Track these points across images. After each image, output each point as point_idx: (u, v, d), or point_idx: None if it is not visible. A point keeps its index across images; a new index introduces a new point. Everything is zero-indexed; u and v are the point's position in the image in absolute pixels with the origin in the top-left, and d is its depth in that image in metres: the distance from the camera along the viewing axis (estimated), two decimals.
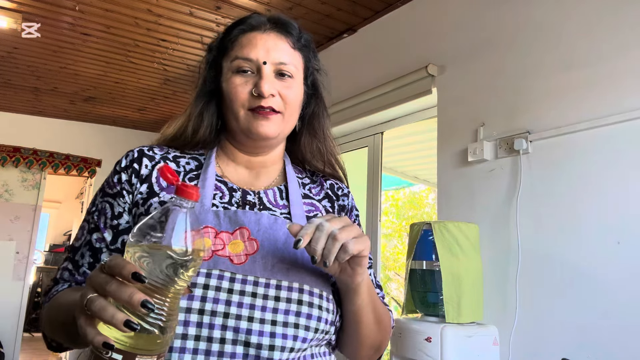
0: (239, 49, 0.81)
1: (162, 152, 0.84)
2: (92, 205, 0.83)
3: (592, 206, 1.69)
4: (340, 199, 0.91)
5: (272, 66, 0.80)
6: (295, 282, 0.72)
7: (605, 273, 1.62)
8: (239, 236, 0.74)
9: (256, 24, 0.82)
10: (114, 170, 0.84)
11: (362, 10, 2.75)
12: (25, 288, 4.22)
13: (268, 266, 0.72)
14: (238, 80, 0.80)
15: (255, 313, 0.67)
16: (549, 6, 1.93)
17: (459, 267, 1.75)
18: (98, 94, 4.32)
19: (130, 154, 0.84)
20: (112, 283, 0.52)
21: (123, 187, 0.80)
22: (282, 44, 0.82)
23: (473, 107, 2.16)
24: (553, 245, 1.78)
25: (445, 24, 2.39)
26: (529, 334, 1.79)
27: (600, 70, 1.73)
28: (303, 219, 0.82)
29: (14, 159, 4.16)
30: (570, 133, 1.77)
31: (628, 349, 1.53)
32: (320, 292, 0.73)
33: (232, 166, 0.87)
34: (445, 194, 2.25)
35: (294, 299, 0.70)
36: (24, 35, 3.07)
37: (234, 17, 3.07)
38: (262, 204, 0.82)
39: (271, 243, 0.74)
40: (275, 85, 0.79)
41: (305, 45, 0.87)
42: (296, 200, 0.84)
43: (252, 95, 0.79)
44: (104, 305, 0.51)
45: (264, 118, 0.79)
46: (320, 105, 0.91)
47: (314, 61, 0.89)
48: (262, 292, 0.69)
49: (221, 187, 0.81)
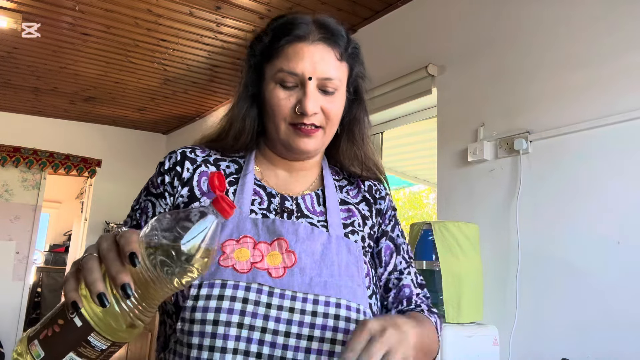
0: (285, 61, 0.77)
1: (204, 155, 0.84)
2: (136, 202, 0.84)
3: (592, 206, 1.69)
4: (378, 202, 0.90)
5: (317, 81, 0.77)
6: (333, 296, 0.71)
7: (605, 273, 1.62)
8: (277, 247, 0.74)
9: (303, 34, 0.77)
10: (157, 171, 0.84)
11: (362, 10, 2.75)
12: (25, 288, 4.22)
13: (306, 279, 0.72)
14: (281, 94, 0.77)
15: (293, 328, 0.67)
16: (549, 6, 1.93)
17: (459, 267, 1.75)
18: (98, 94, 4.32)
19: (173, 156, 0.84)
20: (111, 253, 0.52)
21: (165, 188, 0.81)
22: (329, 57, 0.78)
23: (473, 107, 2.16)
24: (553, 245, 1.78)
25: (445, 24, 2.39)
26: (529, 334, 1.79)
27: (600, 70, 1.73)
28: (340, 227, 0.81)
29: (14, 159, 4.16)
30: (570, 133, 1.77)
31: (628, 349, 1.53)
32: (357, 306, 0.73)
33: (271, 169, 0.86)
34: (445, 194, 2.25)
35: (331, 314, 0.69)
36: (24, 35, 3.07)
37: (234, 17, 3.02)
38: (299, 211, 0.82)
39: (308, 255, 0.74)
40: (318, 100, 0.77)
41: (352, 54, 0.83)
42: (333, 207, 0.84)
43: (294, 111, 0.77)
44: (92, 269, 0.51)
45: (306, 135, 0.78)
46: (361, 110, 0.89)
47: (359, 68, 0.86)
48: (300, 306, 0.69)
49: (260, 193, 0.81)
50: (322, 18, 0.80)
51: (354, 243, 0.80)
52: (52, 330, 0.51)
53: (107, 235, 0.55)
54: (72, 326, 0.50)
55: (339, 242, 0.78)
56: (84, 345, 0.50)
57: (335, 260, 0.75)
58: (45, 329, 0.51)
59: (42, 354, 0.51)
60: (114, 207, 5.23)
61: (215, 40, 3.22)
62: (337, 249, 0.77)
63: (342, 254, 0.77)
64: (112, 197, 5.24)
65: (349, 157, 0.89)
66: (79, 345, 0.50)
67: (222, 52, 3.41)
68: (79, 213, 6.01)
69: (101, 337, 0.51)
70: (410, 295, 0.86)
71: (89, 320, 0.50)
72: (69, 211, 7.23)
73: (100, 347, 0.51)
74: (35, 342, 0.51)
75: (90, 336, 0.50)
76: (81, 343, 0.50)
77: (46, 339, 0.51)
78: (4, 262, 4.11)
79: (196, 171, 0.81)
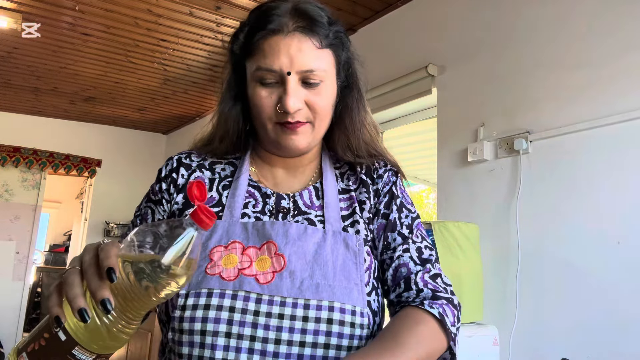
0: (261, 58, 0.73)
1: (199, 159, 0.83)
2: (137, 209, 0.84)
3: (592, 206, 1.69)
4: (376, 181, 0.84)
5: (297, 75, 0.72)
6: (325, 299, 0.68)
7: (605, 273, 1.62)
8: (266, 251, 0.71)
9: (278, 27, 0.72)
10: (157, 177, 0.83)
11: (362, 10, 2.75)
12: (25, 288, 4.21)
13: (296, 283, 0.69)
14: (263, 92, 0.74)
15: (283, 335, 0.65)
16: (549, 6, 1.93)
17: (459, 267, 1.75)
18: (98, 94, 4.32)
19: (170, 163, 0.82)
20: (91, 268, 0.52)
21: (163, 195, 0.80)
22: (307, 47, 0.72)
23: (473, 107, 2.16)
24: (553, 245, 1.78)
25: (445, 24, 2.39)
26: (529, 334, 1.79)
27: (600, 70, 1.73)
28: (338, 222, 0.77)
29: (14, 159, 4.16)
30: (570, 133, 1.77)
31: (628, 349, 1.53)
32: (352, 307, 0.69)
33: (267, 169, 0.83)
34: (445, 194, 2.25)
35: (323, 318, 0.67)
36: (24, 35, 3.07)
37: (234, 17, 3.01)
38: (297, 208, 0.79)
39: (299, 257, 0.71)
40: (301, 95, 0.73)
41: (335, 39, 0.77)
42: (332, 200, 0.80)
43: (277, 109, 0.73)
44: (73, 284, 0.51)
45: (292, 132, 0.75)
46: (354, 97, 0.83)
47: (346, 52, 0.80)
48: (290, 312, 0.67)
49: (254, 194, 0.79)
50: (301, 5, 0.74)
51: (353, 236, 0.76)
52: (38, 344, 0.52)
53: (90, 247, 0.55)
54: (56, 340, 0.51)
55: (336, 238, 0.74)
56: (69, 358, 0.51)
57: (330, 259, 0.72)
58: (32, 342, 0.52)
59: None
60: (113, 207, 5.23)
61: (215, 40, 3.22)
62: (333, 246, 0.73)
63: (338, 251, 0.73)
64: (112, 197, 5.24)
65: (341, 146, 0.84)
66: (64, 358, 0.51)
67: (222, 52, 3.41)
68: (79, 213, 6.00)
69: (85, 350, 0.51)
70: (408, 276, 0.76)
71: (72, 334, 0.50)
72: (69, 211, 7.23)
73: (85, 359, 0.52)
74: (23, 355, 0.52)
75: (74, 350, 0.51)
76: (66, 357, 0.51)
77: (33, 352, 0.52)
78: (4, 262, 4.11)
79: (191, 177, 0.80)
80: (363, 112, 0.84)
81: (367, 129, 0.85)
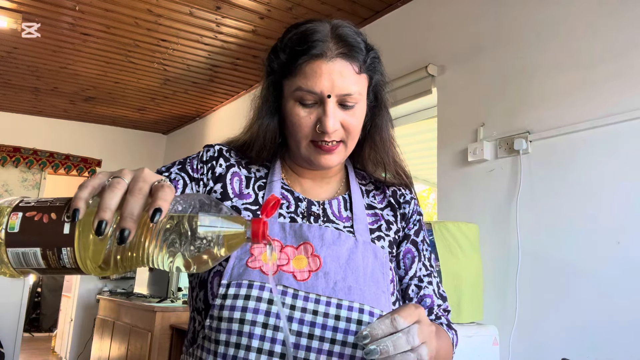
0: (302, 79, 0.76)
1: (237, 157, 0.86)
2: (166, 169, 0.83)
3: (592, 206, 1.69)
4: (402, 206, 0.90)
5: (336, 97, 0.76)
6: (356, 301, 0.72)
7: (605, 273, 1.62)
8: (303, 252, 0.75)
9: (320, 52, 0.75)
10: (198, 157, 0.84)
11: (362, 10, 2.75)
12: (25, 288, 4.22)
13: (330, 284, 0.73)
14: (301, 112, 0.77)
15: (316, 330, 0.69)
16: (549, 6, 1.93)
17: (459, 267, 1.75)
18: (98, 94, 4.32)
19: (211, 150, 0.85)
20: (141, 195, 0.49)
21: (201, 178, 0.82)
22: (347, 72, 0.76)
23: (473, 107, 2.16)
24: (553, 245, 1.78)
25: (445, 24, 2.39)
26: (529, 334, 1.79)
27: (600, 71, 1.73)
28: (366, 233, 0.82)
29: (14, 159, 4.16)
30: (570, 133, 1.77)
31: (628, 349, 1.53)
32: (380, 312, 0.73)
33: (295, 178, 0.88)
34: (445, 194, 2.25)
35: (353, 318, 0.70)
36: (24, 35, 3.07)
37: (234, 17, 3.02)
38: (326, 216, 0.83)
39: (333, 259, 0.75)
40: (338, 116, 0.77)
41: (372, 64, 0.82)
42: (360, 213, 0.85)
43: (315, 129, 0.77)
44: (114, 197, 0.49)
45: (327, 152, 0.79)
46: (383, 116, 0.87)
47: (379, 77, 0.85)
48: (323, 310, 0.70)
49: (288, 197, 0.83)
50: (340, 30, 0.78)
51: (381, 249, 0.81)
52: (40, 216, 0.49)
53: (151, 174, 0.52)
54: (58, 227, 0.48)
55: (366, 247, 0.79)
56: (54, 251, 0.48)
57: (361, 265, 0.76)
58: (36, 211, 0.49)
59: (15, 229, 0.48)
60: None
61: (215, 40, 3.22)
62: (364, 254, 0.78)
63: (368, 259, 0.78)
64: None
65: (373, 162, 0.89)
66: (50, 248, 0.48)
67: (222, 52, 3.41)
68: None
69: (72, 256, 0.48)
70: (432, 306, 0.86)
71: (75, 234, 0.48)
72: None
73: (64, 262, 0.49)
74: (19, 213, 0.49)
75: (65, 248, 0.48)
76: (53, 248, 0.48)
77: (29, 220, 0.49)
78: None
79: (229, 170, 0.83)
80: (391, 130, 0.90)
81: (394, 145, 0.91)
